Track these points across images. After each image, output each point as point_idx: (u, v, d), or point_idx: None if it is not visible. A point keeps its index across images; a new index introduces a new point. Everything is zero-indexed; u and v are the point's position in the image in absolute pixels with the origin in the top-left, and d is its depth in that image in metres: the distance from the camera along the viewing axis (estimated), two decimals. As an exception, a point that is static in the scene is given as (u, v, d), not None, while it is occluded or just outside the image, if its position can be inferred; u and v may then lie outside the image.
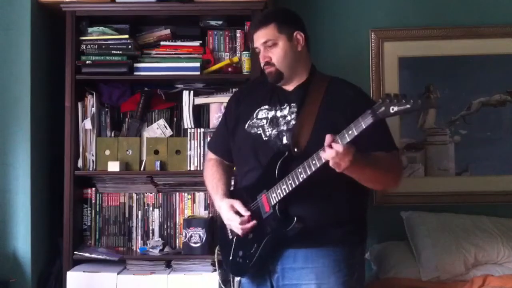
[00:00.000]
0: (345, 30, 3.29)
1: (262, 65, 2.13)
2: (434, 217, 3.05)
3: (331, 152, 1.78)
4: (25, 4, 2.89)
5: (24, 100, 2.89)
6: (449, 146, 3.24)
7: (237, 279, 2.64)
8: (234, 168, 2.32)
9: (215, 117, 2.97)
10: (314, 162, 1.87)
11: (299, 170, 1.91)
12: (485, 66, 3.23)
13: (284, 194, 1.96)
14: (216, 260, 2.35)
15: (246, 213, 2.05)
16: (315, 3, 3.30)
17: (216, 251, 2.30)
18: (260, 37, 2.11)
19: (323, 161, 1.83)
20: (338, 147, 1.77)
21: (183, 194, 3.01)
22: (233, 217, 2.06)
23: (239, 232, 2.06)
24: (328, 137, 1.80)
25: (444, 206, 3.17)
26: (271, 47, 2.09)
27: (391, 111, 1.66)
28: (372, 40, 3.26)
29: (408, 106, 1.62)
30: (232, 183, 2.35)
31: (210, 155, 2.36)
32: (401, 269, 2.83)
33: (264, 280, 2.09)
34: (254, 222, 2.03)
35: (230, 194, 2.20)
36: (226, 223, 2.14)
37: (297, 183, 1.92)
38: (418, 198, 3.19)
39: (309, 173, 1.88)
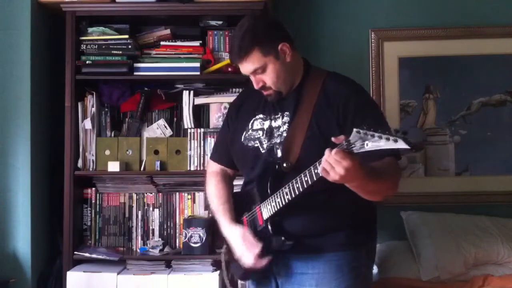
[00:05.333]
0: (345, 30, 3.29)
1: (256, 88, 2.01)
2: (434, 217, 3.05)
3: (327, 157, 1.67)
4: (25, 4, 2.89)
5: (24, 100, 2.89)
6: (449, 146, 3.24)
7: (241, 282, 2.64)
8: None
9: (215, 117, 2.97)
10: (298, 185, 1.81)
11: (285, 190, 1.86)
12: (485, 66, 3.23)
13: (275, 210, 1.91)
14: (222, 259, 2.29)
15: (258, 246, 1.94)
16: (315, 3, 3.30)
17: (222, 251, 2.26)
18: (246, 67, 1.97)
19: (306, 186, 1.78)
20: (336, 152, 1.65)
21: (183, 194, 3.01)
22: (246, 252, 1.97)
23: (249, 265, 1.98)
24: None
25: (444, 206, 3.17)
26: (261, 73, 1.97)
27: (366, 146, 1.58)
28: (372, 40, 3.26)
29: (381, 143, 1.54)
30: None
31: (212, 167, 2.27)
32: (401, 269, 2.84)
33: (270, 282, 2.07)
34: (268, 259, 1.94)
35: (233, 197, 2.17)
36: (237, 253, 2.03)
37: (283, 203, 1.88)
38: (418, 198, 3.19)
39: (293, 195, 1.84)
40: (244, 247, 1.99)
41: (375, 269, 2.90)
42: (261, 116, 2.08)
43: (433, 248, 2.84)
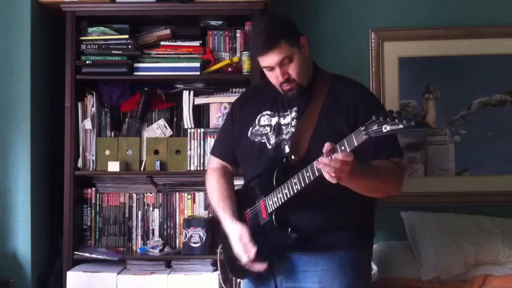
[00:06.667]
0: (345, 30, 3.29)
1: (279, 83, 2.02)
2: (434, 217, 3.05)
3: (328, 161, 1.70)
4: (25, 4, 2.89)
5: (24, 100, 2.89)
6: (449, 146, 3.24)
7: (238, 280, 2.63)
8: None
9: (215, 117, 2.97)
10: (308, 174, 1.83)
11: (294, 180, 1.87)
12: (485, 66, 3.23)
13: (280, 203, 1.93)
14: (218, 259, 2.30)
15: (252, 250, 1.98)
16: (315, 3, 3.30)
17: (218, 250, 2.27)
18: (274, 58, 1.98)
19: (317, 174, 1.79)
20: (338, 155, 1.69)
21: (183, 194, 3.01)
22: (241, 252, 2.01)
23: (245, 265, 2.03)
24: (326, 145, 1.73)
25: (444, 206, 3.17)
26: (288, 63, 2.00)
27: (384, 130, 1.60)
28: (372, 40, 3.26)
29: (400, 126, 1.57)
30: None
31: (213, 164, 2.28)
32: (401, 269, 2.83)
33: (269, 280, 2.07)
34: (263, 266, 1.98)
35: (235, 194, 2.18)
36: (235, 251, 2.07)
37: (291, 194, 1.89)
38: (418, 198, 3.18)
39: (303, 185, 1.85)
40: (240, 247, 2.02)
41: (374, 269, 2.91)
42: (268, 112, 2.10)
43: (433, 248, 2.84)
